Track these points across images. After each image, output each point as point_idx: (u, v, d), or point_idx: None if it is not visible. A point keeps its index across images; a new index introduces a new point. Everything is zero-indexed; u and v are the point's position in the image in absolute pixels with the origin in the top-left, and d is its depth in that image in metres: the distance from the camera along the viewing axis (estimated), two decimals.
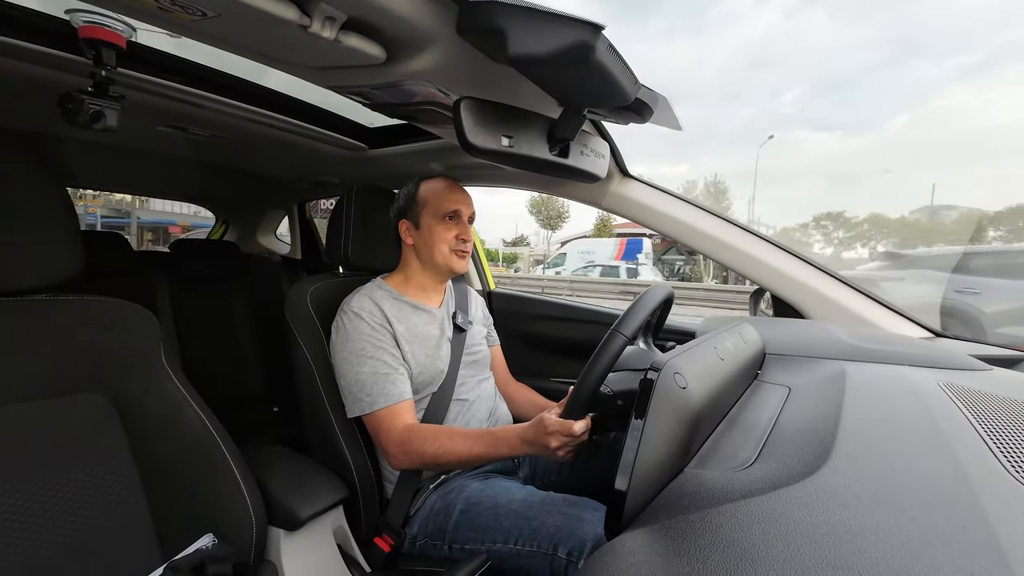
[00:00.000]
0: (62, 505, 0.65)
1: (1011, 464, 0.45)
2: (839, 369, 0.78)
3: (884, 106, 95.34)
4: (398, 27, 0.64)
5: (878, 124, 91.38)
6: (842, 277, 1.13)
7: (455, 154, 1.31)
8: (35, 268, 0.66)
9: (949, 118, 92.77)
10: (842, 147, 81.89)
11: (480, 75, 0.77)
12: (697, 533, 0.38)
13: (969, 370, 0.81)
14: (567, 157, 0.84)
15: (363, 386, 0.90)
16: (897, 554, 0.33)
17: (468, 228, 1.04)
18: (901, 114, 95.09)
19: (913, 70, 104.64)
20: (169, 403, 0.76)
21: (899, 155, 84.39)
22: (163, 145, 1.44)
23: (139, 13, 0.67)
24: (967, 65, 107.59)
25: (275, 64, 0.80)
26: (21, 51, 0.82)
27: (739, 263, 1.16)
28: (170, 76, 1.00)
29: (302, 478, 0.89)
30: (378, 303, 0.97)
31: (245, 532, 0.75)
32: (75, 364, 0.71)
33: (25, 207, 0.64)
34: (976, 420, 0.55)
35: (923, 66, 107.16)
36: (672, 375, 0.51)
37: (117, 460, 0.72)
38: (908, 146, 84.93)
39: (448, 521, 0.88)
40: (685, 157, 75.60)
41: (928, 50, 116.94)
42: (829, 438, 0.51)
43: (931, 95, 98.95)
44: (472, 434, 0.86)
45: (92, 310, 0.73)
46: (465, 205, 1.03)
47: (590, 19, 0.53)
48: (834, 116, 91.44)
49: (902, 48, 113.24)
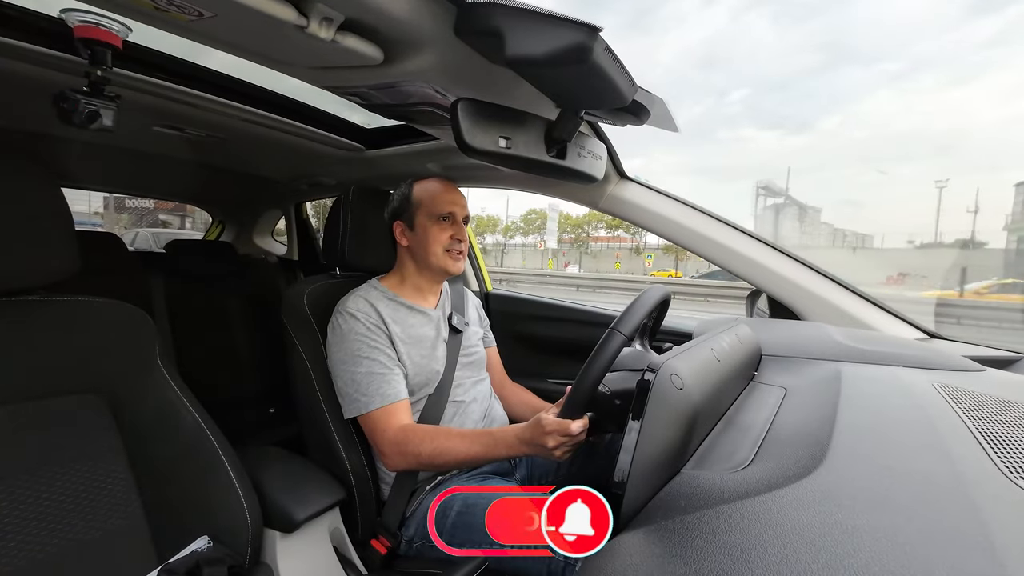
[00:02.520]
0: (57, 507, 0.65)
1: (1005, 464, 0.45)
2: (835, 370, 0.78)
3: (820, 107, 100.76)
4: (396, 28, 0.64)
5: (815, 124, 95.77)
6: (838, 279, 1.14)
7: (452, 155, 1.31)
8: (29, 268, 0.65)
9: (875, 120, 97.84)
10: (783, 145, 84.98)
11: (477, 76, 0.77)
12: (694, 534, 0.38)
13: (963, 371, 0.82)
14: (564, 158, 0.84)
15: (358, 386, 0.90)
16: (892, 554, 0.33)
17: (463, 229, 1.03)
18: (835, 115, 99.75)
19: (845, 74, 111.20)
20: (164, 404, 0.76)
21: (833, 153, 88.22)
22: (159, 145, 1.44)
23: (135, 13, 0.66)
24: (891, 72, 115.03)
25: (272, 64, 0.80)
26: (16, 50, 0.82)
27: (736, 264, 1.16)
28: (166, 76, 1.00)
29: (298, 480, 0.89)
30: (374, 304, 0.96)
31: (241, 534, 0.74)
32: (70, 365, 0.70)
33: (20, 207, 0.64)
34: (970, 421, 0.56)
35: (854, 71, 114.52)
36: (669, 376, 0.51)
37: (112, 462, 0.71)
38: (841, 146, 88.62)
39: (445, 522, 0.88)
40: (641, 151, 77.14)
41: (858, 56, 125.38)
42: (825, 439, 0.51)
43: (860, 98, 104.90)
44: (469, 434, 0.86)
45: (87, 311, 0.73)
46: (460, 206, 1.03)
47: (587, 21, 0.53)
48: (777, 115, 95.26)
49: (836, 53, 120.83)
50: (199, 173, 1.80)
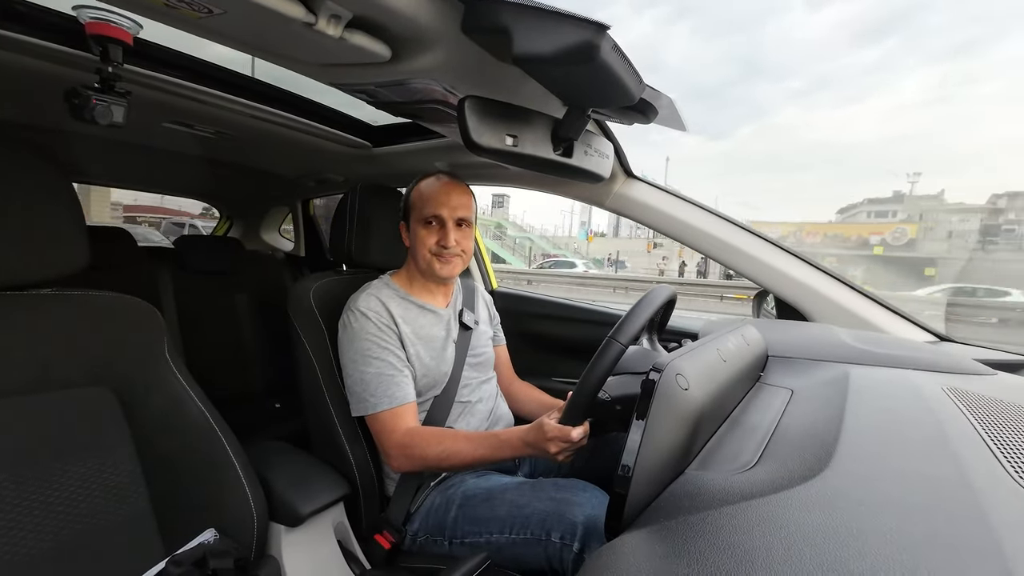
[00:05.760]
0: (65, 499, 0.66)
1: (1015, 469, 0.45)
2: (842, 372, 0.78)
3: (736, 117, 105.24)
4: (403, 25, 0.64)
5: (730, 132, 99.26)
6: (846, 280, 1.12)
7: (459, 153, 1.31)
8: (41, 263, 0.66)
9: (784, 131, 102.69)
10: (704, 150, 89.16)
11: (485, 74, 0.77)
12: (698, 534, 0.38)
13: (973, 375, 0.81)
14: (571, 157, 0.84)
15: (367, 386, 0.90)
16: (899, 558, 0.32)
17: (450, 234, 0.95)
18: (748, 125, 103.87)
19: (757, 88, 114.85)
20: (172, 398, 0.76)
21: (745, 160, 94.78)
22: (168, 141, 1.45)
23: (146, 9, 0.67)
24: (795, 89, 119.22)
25: (280, 61, 0.80)
26: (28, 46, 0.83)
27: (743, 265, 1.15)
28: (176, 73, 1.00)
29: (303, 474, 0.90)
30: (385, 303, 0.96)
31: (247, 527, 0.75)
32: (78, 358, 0.71)
33: (31, 202, 0.65)
34: (980, 425, 0.55)
35: (764, 86, 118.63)
36: (674, 376, 0.51)
37: (119, 454, 0.72)
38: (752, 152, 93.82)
39: (447, 517, 0.88)
40: None
41: (767, 72, 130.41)
42: (831, 441, 0.51)
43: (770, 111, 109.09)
44: (475, 436, 0.86)
45: (96, 304, 0.74)
46: (450, 208, 0.96)
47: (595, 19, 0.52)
48: (700, 122, 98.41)
49: (749, 68, 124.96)
50: (208, 169, 1.81)
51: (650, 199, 1.20)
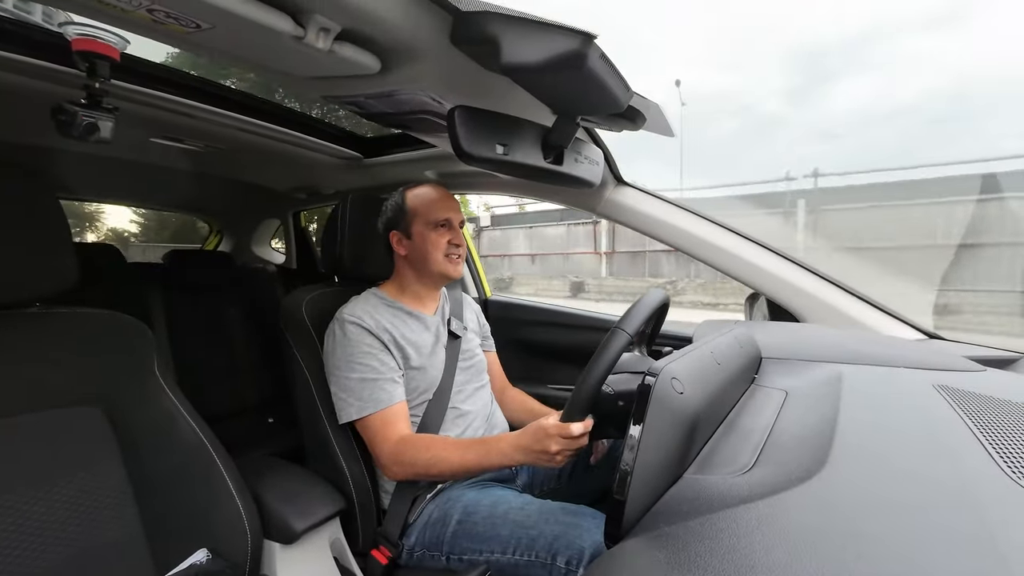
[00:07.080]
0: (55, 519, 0.64)
1: (1008, 465, 0.45)
2: (835, 372, 0.78)
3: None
4: (392, 37, 0.65)
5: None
6: (837, 280, 1.14)
7: (450, 162, 1.32)
8: (28, 280, 0.65)
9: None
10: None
11: (474, 84, 0.77)
12: (697, 539, 0.38)
13: (963, 371, 0.81)
14: (561, 164, 0.85)
15: (352, 391, 0.90)
16: (897, 557, 0.33)
17: (459, 233, 1.04)
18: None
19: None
20: (162, 415, 0.75)
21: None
22: (157, 156, 1.44)
23: (133, 25, 0.67)
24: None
25: (269, 75, 0.80)
26: (14, 63, 0.82)
27: (734, 268, 1.16)
28: (164, 88, 1.00)
29: (298, 490, 0.88)
30: (373, 310, 0.96)
31: (240, 546, 0.73)
32: (68, 377, 0.70)
33: (18, 218, 0.64)
34: (972, 422, 0.56)
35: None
36: (669, 380, 0.51)
37: (110, 473, 0.71)
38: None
39: (445, 531, 0.87)
40: None
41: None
42: (827, 441, 0.51)
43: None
44: (464, 443, 0.86)
45: (85, 322, 0.73)
46: (455, 211, 1.04)
47: (583, 28, 0.53)
48: None
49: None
50: (197, 183, 1.80)
51: (640, 205, 1.21)
